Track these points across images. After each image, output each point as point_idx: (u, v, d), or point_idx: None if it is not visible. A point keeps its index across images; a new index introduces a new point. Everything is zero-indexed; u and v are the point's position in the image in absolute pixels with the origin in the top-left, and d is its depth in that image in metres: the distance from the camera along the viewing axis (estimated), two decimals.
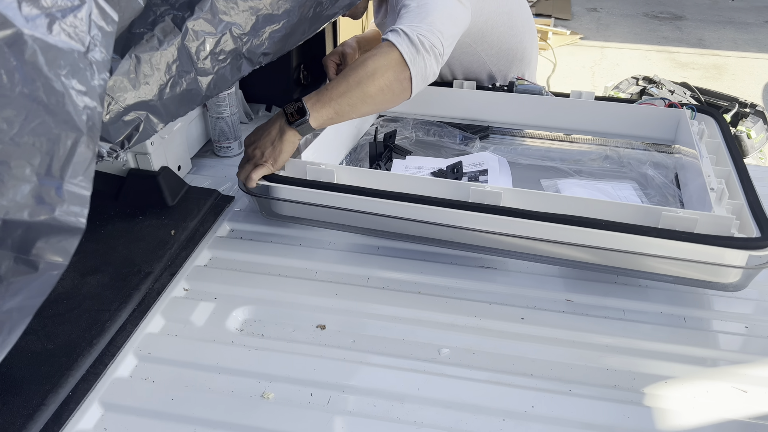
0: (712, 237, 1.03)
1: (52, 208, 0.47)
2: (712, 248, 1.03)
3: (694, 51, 5.94)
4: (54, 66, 0.50)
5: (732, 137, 1.35)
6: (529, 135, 1.64)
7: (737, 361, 1.05)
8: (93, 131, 0.51)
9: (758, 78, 5.25)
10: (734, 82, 5.22)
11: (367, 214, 1.18)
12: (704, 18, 6.94)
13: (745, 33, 6.46)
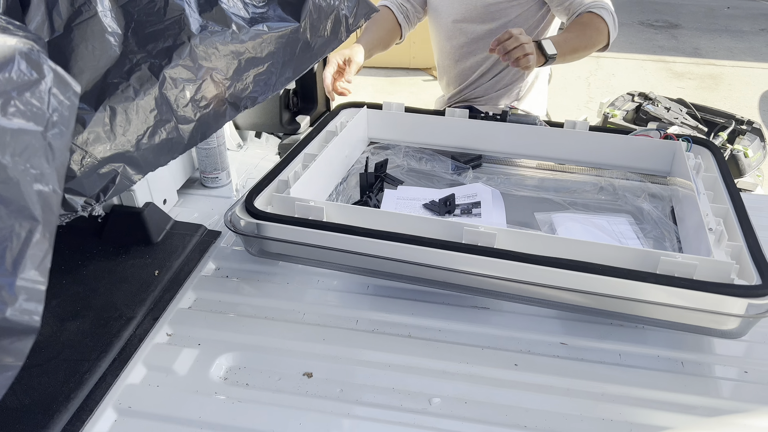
0: (711, 284, 1.00)
1: (3, 308, 0.44)
2: (712, 296, 1.00)
3: (689, 60, 5.93)
4: (8, 150, 0.46)
5: (728, 170, 1.33)
6: (523, 165, 1.61)
7: (736, 410, 1.02)
8: (50, 217, 0.48)
9: (754, 88, 5.25)
10: (730, 92, 5.21)
11: (357, 254, 1.15)
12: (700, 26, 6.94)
13: (741, 41, 6.46)
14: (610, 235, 1.33)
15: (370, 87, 4.93)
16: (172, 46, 0.87)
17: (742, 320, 1.03)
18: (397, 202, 1.43)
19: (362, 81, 5.03)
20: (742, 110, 4.77)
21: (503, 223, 1.37)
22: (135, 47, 0.85)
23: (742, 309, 1.01)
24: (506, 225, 1.37)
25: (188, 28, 0.88)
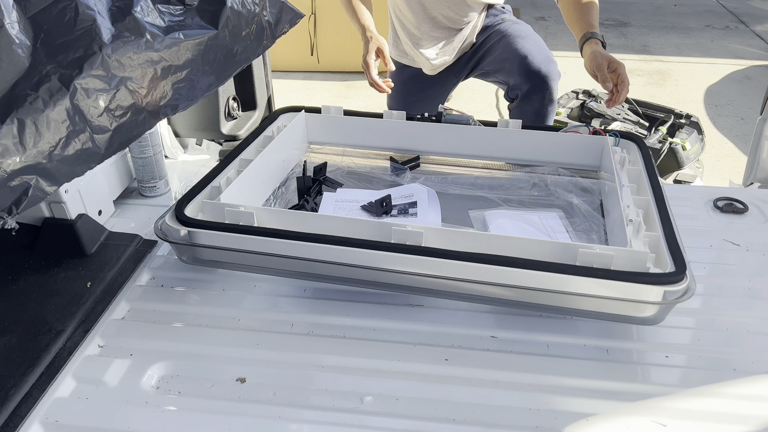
0: (627, 273, 1.04)
1: None
2: (628, 284, 1.04)
3: (638, 57, 6.08)
4: None
5: (653, 163, 1.38)
6: (459, 164, 1.64)
7: (657, 394, 1.06)
8: None
9: (700, 83, 5.40)
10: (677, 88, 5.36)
11: (288, 258, 1.16)
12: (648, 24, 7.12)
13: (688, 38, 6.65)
14: (541, 230, 1.36)
15: (326, 92, 4.93)
16: (83, 56, 0.87)
17: (660, 307, 1.07)
18: (335, 205, 1.45)
19: (317, 86, 5.04)
20: (688, 104, 4.92)
21: (438, 222, 1.40)
22: (44, 58, 0.85)
23: (658, 296, 1.05)
24: (441, 224, 1.39)
25: (99, 38, 0.88)
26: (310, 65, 5.16)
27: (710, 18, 7.39)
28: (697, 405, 1.03)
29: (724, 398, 1.04)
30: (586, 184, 1.50)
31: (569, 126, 1.56)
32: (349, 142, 1.64)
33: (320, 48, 5.07)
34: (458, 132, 1.57)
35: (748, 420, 1.00)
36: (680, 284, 1.03)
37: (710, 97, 5.08)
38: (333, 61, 5.15)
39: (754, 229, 1.50)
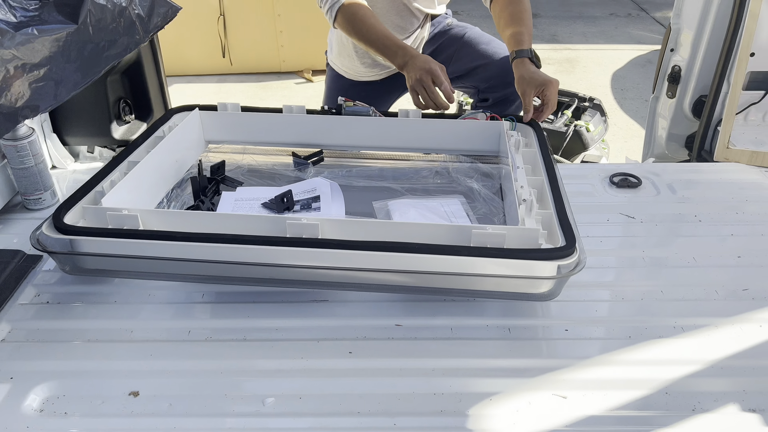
0: (520, 251, 1.05)
1: None
2: (522, 261, 1.05)
3: (548, 47, 6.27)
4: None
5: (547, 145, 1.40)
6: (363, 156, 1.63)
7: (557, 367, 1.07)
8: None
9: (606, 68, 5.63)
10: (585, 74, 5.57)
11: (179, 261, 1.11)
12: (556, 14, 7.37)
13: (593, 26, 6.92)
14: (442, 216, 1.37)
15: (240, 94, 4.82)
16: None
17: (555, 281, 1.09)
18: (235, 204, 1.40)
19: (232, 88, 4.92)
20: (596, 89, 5.12)
21: (342, 215, 1.38)
22: None
23: (552, 270, 1.07)
24: (345, 216, 1.37)
25: None
26: (222, 68, 5.03)
27: (614, 6, 7.71)
28: (594, 374, 1.06)
29: (620, 365, 1.07)
30: (487, 169, 1.52)
31: (467, 113, 1.57)
32: (249, 140, 1.60)
33: (232, 49, 4.95)
34: (360, 124, 1.55)
35: (643, 384, 1.04)
36: (571, 258, 1.05)
37: (616, 81, 5.30)
38: (246, 62, 5.05)
39: (647, 201, 1.56)
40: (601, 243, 1.41)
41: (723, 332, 1.14)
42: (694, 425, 0.96)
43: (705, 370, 1.06)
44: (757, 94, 2.02)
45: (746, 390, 1.02)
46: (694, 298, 1.23)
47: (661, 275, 1.30)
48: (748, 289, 1.25)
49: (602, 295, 1.25)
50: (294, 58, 5.09)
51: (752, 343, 1.11)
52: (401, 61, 1.62)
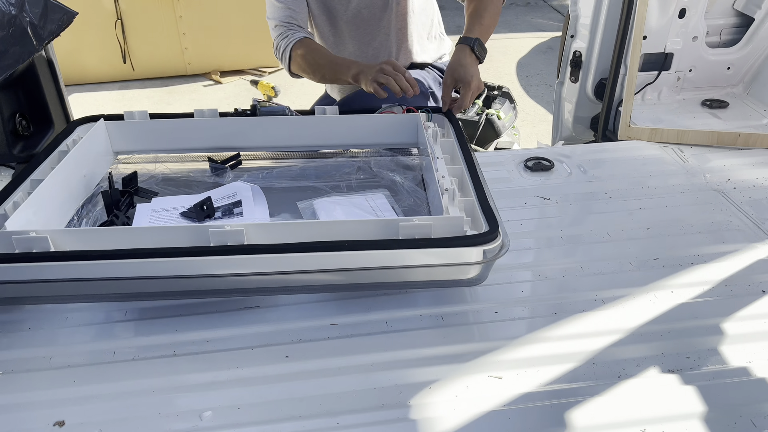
0: (446, 239, 1.07)
1: None
2: (449, 250, 1.07)
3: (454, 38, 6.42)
4: None
5: (463, 134, 1.43)
6: (283, 156, 1.60)
7: (491, 350, 1.11)
8: None
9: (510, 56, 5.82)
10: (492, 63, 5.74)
11: (98, 281, 1.05)
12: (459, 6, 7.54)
13: None
14: (368, 211, 1.37)
15: (146, 100, 4.63)
16: None
17: (481, 266, 1.12)
18: (151, 216, 1.35)
19: (136, 95, 4.71)
20: (504, 78, 5.29)
21: (266, 218, 1.35)
22: None
23: (478, 256, 1.09)
24: (269, 219, 1.35)
25: None
26: (124, 74, 4.82)
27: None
28: (526, 353, 1.09)
29: (548, 342, 1.12)
30: (407, 162, 1.53)
31: (383, 107, 1.58)
32: (161, 148, 1.53)
33: (133, 54, 4.75)
34: (276, 124, 1.53)
35: (571, 357, 1.08)
36: (495, 242, 1.07)
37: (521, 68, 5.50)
38: (149, 67, 4.85)
39: (560, 183, 1.63)
40: (521, 226, 1.46)
41: (639, 301, 1.21)
42: (621, 391, 1.02)
43: (626, 338, 1.12)
44: (652, 74, 2.15)
45: (664, 353, 1.09)
46: (611, 270, 1.30)
47: (578, 252, 1.36)
48: (659, 258, 1.33)
49: (526, 276, 1.29)
50: (200, 60, 4.94)
51: (666, 308, 1.19)
52: (354, 72, 1.62)
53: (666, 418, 0.97)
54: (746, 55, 2.16)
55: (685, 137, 1.83)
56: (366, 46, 1.91)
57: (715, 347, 1.10)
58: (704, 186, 1.62)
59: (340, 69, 1.67)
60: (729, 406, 0.99)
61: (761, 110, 2.06)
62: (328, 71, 1.72)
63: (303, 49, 1.74)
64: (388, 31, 1.89)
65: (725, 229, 1.44)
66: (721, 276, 1.28)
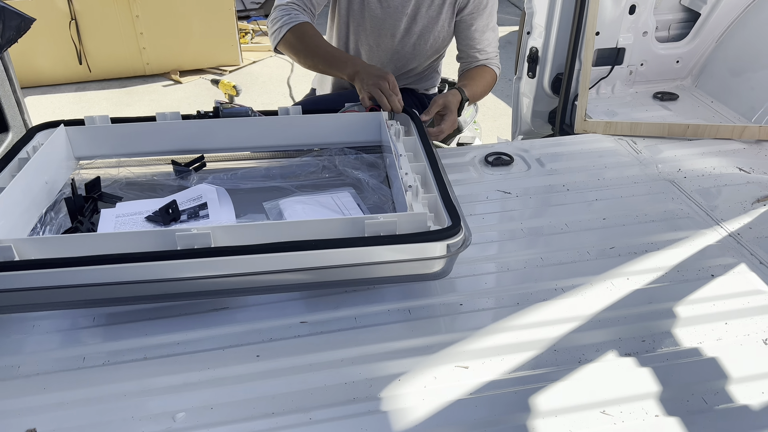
0: (411, 235, 1.10)
1: None
2: (414, 245, 1.10)
3: None
4: None
5: (425, 131, 1.46)
6: (247, 157, 1.61)
7: (457, 340, 1.14)
8: None
9: None
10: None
11: (64, 288, 1.05)
12: None
13: None
14: (335, 210, 1.39)
15: (104, 102, 4.54)
16: None
17: (446, 260, 1.15)
18: (116, 221, 1.34)
19: (93, 97, 4.62)
20: None
21: (233, 220, 1.36)
22: None
23: (442, 250, 1.13)
24: (236, 221, 1.36)
25: None
26: (81, 75, 4.72)
27: None
28: (490, 342, 1.13)
29: (512, 331, 1.16)
30: (371, 160, 1.56)
31: (346, 106, 1.60)
32: (123, 152, 1.52)
33: (89, 55, 4.65)
34: (239, 125, 1.54)
35: (534, 345, 1.13)
36: (458, 236, 1.11)
37: None
38: (106, 67, 4.76)
39: (519, 177, 1.68)
40: (483, 219, 1.50)
41: (597, 288, 1.26)
42: (581, 375, 1.07)
43: (585, 325, 1.17)
44: (606, 69, 2.22)
45: (621, 337, 1.15)
46: (570, 260, 1.35)
47: (539, 243, 1.41)
48: (614, 247, 1.39)
49: (490, 268, 1.33)
50: (158, 60, 4.87)
51: (622, 294, 1.25)
52: (351, 71, 1.62)
53: (624, 399, 1.02)
54: (693, 49, 2.25)
55: (637, 129, 1.90)
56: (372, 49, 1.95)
57: (668, 330, 1.16)
58: (657, 176, 1.69)
59: (338, 63, 1.67)
60: (682, 386, 1.05)
61: (708, 102, 2.15)
62: (323, 61, 1.71)
63: (301, 33, 1.72)
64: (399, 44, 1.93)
65: (677, 217, 1.50)
66: (674, 262, 1.34)
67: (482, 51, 1.93)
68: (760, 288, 1.26)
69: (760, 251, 1.37)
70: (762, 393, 1.03)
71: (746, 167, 1.72)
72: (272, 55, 5.40)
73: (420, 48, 1.94)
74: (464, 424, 0.98)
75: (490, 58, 1.96)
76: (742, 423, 0.99)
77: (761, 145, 1.84)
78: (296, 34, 1.72)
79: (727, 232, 1.44)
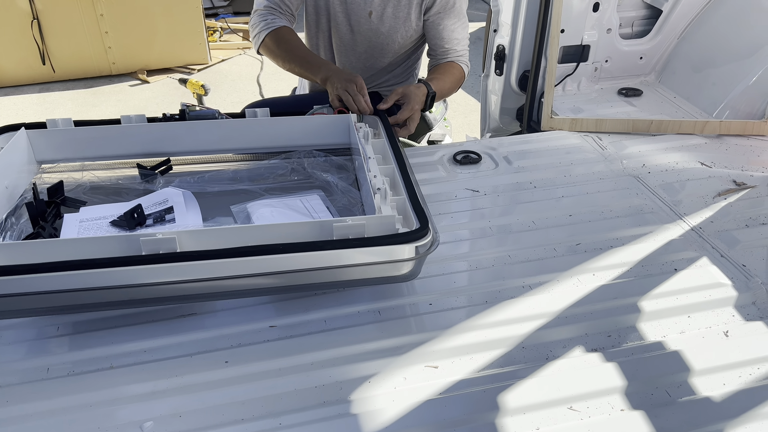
0: (380, 238, 1.10)
1: None
2: (383, 248, 1.10)
3: None
4: None
5: (393, 133, 1.46)
6: (214, 160, 1.59)
7: (426, 340, 1.15)
8: None
9: None
10: None
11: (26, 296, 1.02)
12: None
13: None
14: (303, 212, 1.39)
15: (69, 102, 4.45)
16: None
17: (414, 261, 1.15)
18: (80, 226, 1.32)
19: (58, 98, 4.52)
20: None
21: (199, 224, 1.35)
22: None
23: (411, 252, 1.13)
24: (203, 225, 1.35)
25: None
26: (44, 76, 4.61)
27: None
28: (460, 341, 1.14)
29: (480, 329, 1.17)
30: (341, 162, 1.56)
31: (314, 109, 1.59)
32: (88, 155, 1.49)
33: (53, 55, 4.55)
34: (206, 127, 1.52)
35: (502, 343, 1.14)
36: (426, 238, 1.11)
37: None
38: (71, 68, 4.66)
39: (488, 175, 1.69)
40: (452, 218, 1.51)
41: (564, 285, 1.28)
42: (549, 371, 1.08)
43: (553, 321, 1.19)
44: (571, 66, 2.25)
45: (588, 333, 1.16)
46: (537, 257, 1.37)
47: (507, 241, 1.43)
48: (581, 243, 1.41)
49: (459, 267, 1.34)
50: (124, 59, 4.78)
51: (588, 290, 1.27)
52: (324, 75, 1.67)
53: (590, 395, 1.04)
54: (656, 45, 2.29)
55: (603, 126, 1.93)
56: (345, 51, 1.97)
57: (633, 325, 1.19)
58: (622, 172, 1.72)
59: (311, 67, 1.73)
60: (646, 379, 1.07)
61: (671, 97, 2.19)
62: (298, 65, 1.76)
63: (278, 38, 1.77)
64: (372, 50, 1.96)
65: (641, 213, 1.53)
66: (638, 257, 1.37)
67: (451, 49, 1.94)
68: (721, 281, 1.30)
69: (721, 244, 1.41)
70: (723, 385, 1.06)
71: (708, 162, 1.76)
72: (241, 53, 5.35)
73: (389, 48, 1.94)
74: (434, 425, 0.99)
75: (460, 55, 1.97)
76: (704, 415, 1.01)
77: (722, 140, 1.88)
78: (274, 39, 1.78)
79: (690, 226, 1.48)
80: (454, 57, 1.96)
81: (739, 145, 1.85)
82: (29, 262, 1.01)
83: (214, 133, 1.53)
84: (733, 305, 1.24)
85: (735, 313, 1.22)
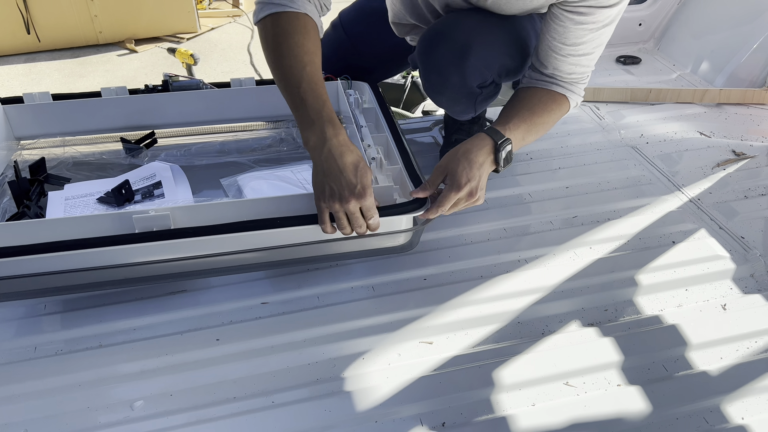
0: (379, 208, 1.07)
1: None
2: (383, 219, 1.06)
3: None
4: None
5: (384, 101, 1.42)
6: (201, 132, 1.55)
7: (420, 316, 1.13)
8: None
9: None
10: None
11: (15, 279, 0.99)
12: None
13: None
14: (296, 184, 1.35)
15: (55, 73, 4.34)
16: None
17: (413, 233, 1.13)
18: (66, 204, 1.28)
19: (44, 68, 4.41)
20: None
21: (189, 198, 1.32)
22: None
23: (409, 223, 1.10)
24: (193, 199, 1.31)
25: None
26: (29, 46, 4.49)
27: None
28: (454, 317, 1.12)
29: (475, 305, 1.15)
30: None
31: None
32: (69, 130, 1.45)
33: (38, 24, 4.42)
34: (191, 98, 1.47)
35: (497, 318, 1.12)
36: (424, 208, 1.08)
37: None
38: (57, 37, 4.54)
39: None
40: None
41: (560, 258, 1.26)
42: (545, 347, 1.07)
43: (549, 296, 1.17)
44: None
45: (584, 307, 1.15)
46: (533, 231, 1.34)
47: (503, 214, 1.40)
48: (577, 216, 1.38)
49: (453, 241, 1.32)
50: (112, 28, 4.66)
51: (585, 264, 1.25)
52: (315, 141, 1.03)
53: (586, 370, 1.03)
54: (655, 12, 2.23)
55: (600, 95, 1.89)
56: None
57: (630, 299, 1.17)
58: (619, 142, 1.68)
59: (302, 112, 1.05)
60: (643, 354, 1.06)
61: (670, 65, 2.14)
62: (284, 89, 1.08)
63: (280, 29, 1.09)
64: None
65: (639, 184, 1.51)
66: (635, 230, 1.34)
67: (564, 70, 1.27)
68: (720, 253, 1.28)
69: (719, 216, 1.39)
70: (720, 359, 1.05)
71: (707, 131, 1.73)
72: (231, 20, 5.23)
73: None
74: (428, 401, 0.97)
75: (576, 81, 1.30)
76: (701, 389, 1.00)
77: (721, 109, 1.85)
78: (274, 27, 1.09)
79: (688, 198, 1.45)
80: (562, 82, 1.27)
81: (739, 114, 1.82)
82: (18, 244, 0.98)
83: (199, 104, 1.48)
84: (731, 278, 1.22)
85: (733, 286, 1.21)
